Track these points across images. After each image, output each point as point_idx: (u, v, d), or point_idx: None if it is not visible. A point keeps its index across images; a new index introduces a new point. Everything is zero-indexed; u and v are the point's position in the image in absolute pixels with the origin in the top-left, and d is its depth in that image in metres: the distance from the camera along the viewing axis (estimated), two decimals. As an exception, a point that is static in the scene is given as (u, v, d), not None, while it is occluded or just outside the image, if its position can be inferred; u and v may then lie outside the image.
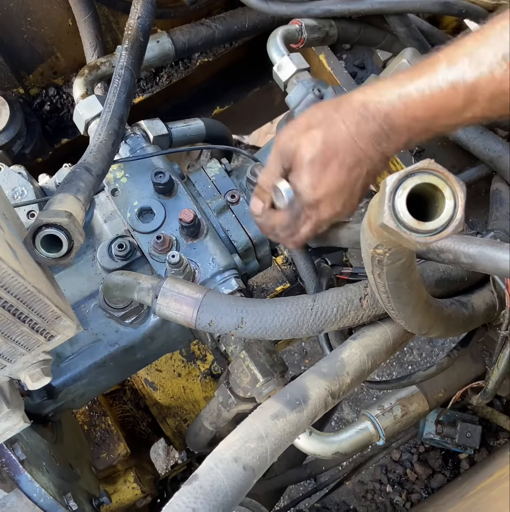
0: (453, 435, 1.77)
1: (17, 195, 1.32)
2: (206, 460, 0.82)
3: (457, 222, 0.62)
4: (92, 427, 1.93)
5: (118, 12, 1.92)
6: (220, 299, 1.09)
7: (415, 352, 3.78)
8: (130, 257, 1.30)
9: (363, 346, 1.09)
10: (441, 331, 1.13)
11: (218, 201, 1.40)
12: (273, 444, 0.85)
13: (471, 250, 0.92)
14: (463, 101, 0.87)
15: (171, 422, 2.09)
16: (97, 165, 1.09)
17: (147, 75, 2.05)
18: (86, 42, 1.75)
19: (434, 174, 0.62)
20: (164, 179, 1.31)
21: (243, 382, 1.27)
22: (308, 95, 1.37)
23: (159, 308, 1.09)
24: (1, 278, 0.68)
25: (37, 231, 0.84)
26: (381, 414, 1.38)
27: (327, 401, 0.98)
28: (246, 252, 1.40)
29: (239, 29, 1.83)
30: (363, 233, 0.80)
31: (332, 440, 1.31)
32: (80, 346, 1.28)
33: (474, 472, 1.69)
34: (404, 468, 1.94)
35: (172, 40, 1.73)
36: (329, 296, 1.11)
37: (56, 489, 1.17)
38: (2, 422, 0.89)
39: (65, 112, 2.01)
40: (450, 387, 1.48)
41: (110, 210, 1.37)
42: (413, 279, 0.92)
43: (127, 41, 1.39)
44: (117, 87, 1.30)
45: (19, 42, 1.84)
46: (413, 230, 0.62)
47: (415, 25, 1.64)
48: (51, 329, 0.84)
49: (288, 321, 1.08)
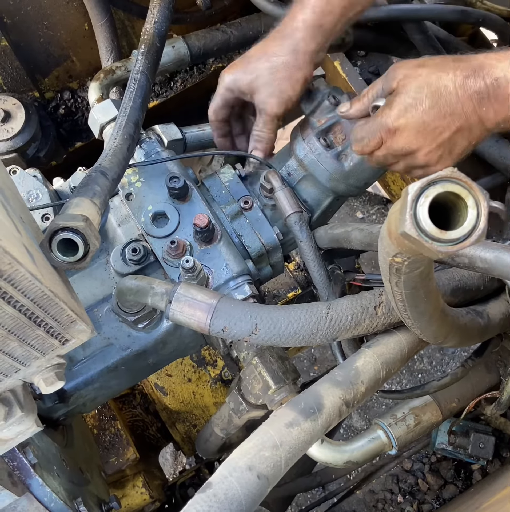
0: (466, 446, 1.76)
1: (32, 198, 1.33)
2: (220, 468, 0.81)
3: (480, 232, 0.61)
4: (101, 431, 1.93)
5: (133, 17, 1.93)
6: (234, 305, 1.09)
7: (425, 360, 3.76)
8: (144, 261, 1.30)
9: (377, 354, 1.08)
10: (457, 341, 1.12)
11: (232, 207, 1.39)
12: (288, 453, 0.84)
13: (488, 255, 0.91)
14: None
15: (180, 427, 2.08)
16: (113, 169, 1.09)
17: (162, 80, 2.06)
18: (102, 46, 1.76)
19: (457, 183, 0.61)
20: (179, 184, 1.31)
21: (255, 388, 1.26)
22: (324, 102, 1.36)
23: (173, 313, 1.09)
24: (18, 282, 0.68)
25: (53, 234, 0.84)
26: (393, 423, 1.37)
27: (342, 410, 0.97)
28: (259, 258, 1.40)
29: (255, 34, 1.83)
30: (381, 241, 0.79)
31: (344, 449, 1.30)
32: (92, 350, 1.27)
33: (487, 484, 1.67)
34: (416, 478, 1.93)
35: (188, 45, 1.73)
36: (344, 303, 1.10)
37: (66, 493, 1.17)
38: (15, 425, 0.89)
39: (79, 115, 2.02)
40: (464, 397, 1.47)
41: (124, 214, 1.37)
42: (430, 288, 0.91)
43: (144, 45, 1.39)
44: (133, 92, 1.30)
45: (35, 45, 1.86)
46: (435, 239, 0.62)
47: (432, 32, 1.64)
48: (66, 333, 0.84)
49: (302, 328, 1.07)
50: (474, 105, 1.02)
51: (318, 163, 1.34)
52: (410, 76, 1.08)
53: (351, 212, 4.16)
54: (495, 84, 1.00)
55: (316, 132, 1.34)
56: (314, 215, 1.42)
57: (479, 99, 1.01)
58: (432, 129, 1.07)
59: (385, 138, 1.12)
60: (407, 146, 1.11)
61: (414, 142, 1.10)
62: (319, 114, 1.36)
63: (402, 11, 1.61)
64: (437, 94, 1.04)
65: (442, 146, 1.09)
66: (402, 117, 1.08)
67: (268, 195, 1.38)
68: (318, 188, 1.38)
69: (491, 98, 1.01)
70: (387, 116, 1.10)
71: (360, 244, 1.18)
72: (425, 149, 1.10)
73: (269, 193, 1.37)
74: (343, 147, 1.33)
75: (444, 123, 1.06)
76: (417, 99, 1.06)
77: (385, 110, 1.11)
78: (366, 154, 1.20)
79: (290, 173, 1.40)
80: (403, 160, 1.16)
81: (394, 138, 1.11)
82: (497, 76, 1.00)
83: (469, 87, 1.02)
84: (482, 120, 1.04)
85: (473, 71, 1.02)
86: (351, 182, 1.35)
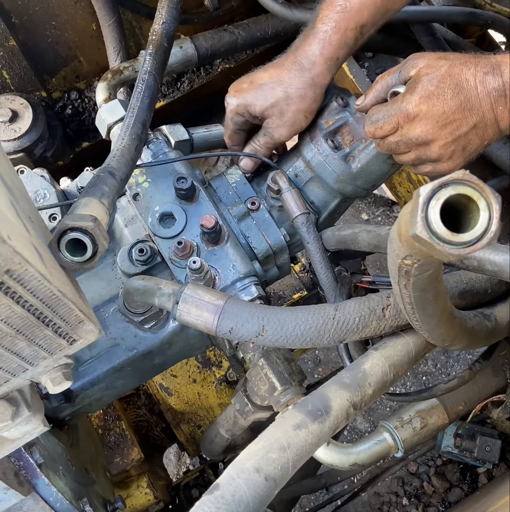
0: (472, 449, 1.75)
1: (40, 198, 1.33)
2: (227, 470, 0.81)
3: (492, 234, 0.61)
4: (106, 431, 1.93)
5: (141, 18, 1.93)
6: (241, 306, 1.09)
7: (430, 363, 3.74)
8: (150, 262, 1.30)
9: (385, 357, 1.08)
10: (464, 344, 1.11)
11: (239, 208, 1.39)
12: (295, 455, 0.84)
13: (497, 258, 0.91)
14: None
15: (185, 428, 2.08)
16: (121, 169, 1.09)
17: (169, 80, 2.06)
18: (109, 46, 1.76)
19: (468, 185, 0.61)
20: (186, 185, 1.31)
21: (261, 390, 1.25)
22: (332, 103, 1.36)
23: (180, 314, 1.09)
24: (28, 282, 0.68)
25: (62, 234, 0.84)
26: (400, 426, 1.36)
27: (349, 412, 0.96)
28: (266, 259, 1.39)
29: (262, 35, 1.83)
30: (391, 244, 0.79)
31: (350, 451, 1.30)
32: (99, 350, 1.27)
33: (493, 487, 1.66)
34: (421, 481, 1.92)
35: (195, 46, 1.73)
36: (351, 305, 1.10)
37: (72, 493, 1.17)
38: (23, 425, 0.88)
39: (86, 116, 2.02)
40: (471, 400, 1.46)
41: (131, 214, 1.37)
42: (439, 291, 0.91)
43: (151, 46, 1.39)
44: (140, 92, 1.30)
45: (43, 45, 1.86)
46: (446, 242, 0.61)
47: (440, 34, 1.63)
48: (73, 333, 0.83)
49: (309, 329, 1.07)
50: (491, 102, 1.02)
51: (325, 164, 1.34)
52: (432, 65, 1.07)
53: (356, 213, 4.15)
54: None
55: (324, 134, 1.33)
56: (321, 217, 1.42)
57: (496, 97, 1.01)
58: (450, 121, 1.06)
59: (402, 123, 1.10)
60: (423, 135, 1.09)
61: (431, 132, 1.08)
62: (327, 115, 1.36)
63: (410, 13, 1.61)
64: (459, 86, 1.04)
65: (457, 141, 1.09)
66: (423, 103, 1.07)
67: (275, 196, 1.38)
68: (325, 189, 1.38)
69: (507, 96, 1.01)
70: (408, 101, 1.08)
71: (368, 246, 1.17)
72: (441, 141, 1.09)
73: (276, 194, 1.37)
74: (351, 149, 1.33)
75: (462, 117, 1.05)
76: (440, 89, 1.05)
77: (406, 96, 1.10)
78: (377, 137, 1.18)
79: (297, 174, 1.39)
80: (415, 151, 1.14)
81: (412, 125, 1.09)
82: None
83: (488, 83, 1.02)
84: (497, 119, 1.04)
85: (492, 68, 1.02)
86: (358, 183, 1.35)
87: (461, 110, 1.05)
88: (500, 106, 1.02)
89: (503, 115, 1.03)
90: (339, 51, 1.27)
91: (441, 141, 1.09)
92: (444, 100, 1.05)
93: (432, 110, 1.06)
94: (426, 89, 1.07)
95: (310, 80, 1.28)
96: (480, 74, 1.03)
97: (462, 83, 1.04)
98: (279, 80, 1.30)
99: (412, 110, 1.08)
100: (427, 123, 1.08)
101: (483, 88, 1.02)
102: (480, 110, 1.04)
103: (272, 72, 1.32)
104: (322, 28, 1.26)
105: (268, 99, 1.30)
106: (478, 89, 1.03)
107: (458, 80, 1.04)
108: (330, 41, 1.26)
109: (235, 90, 1.36)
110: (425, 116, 1.07)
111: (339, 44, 1.26)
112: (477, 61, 1.05)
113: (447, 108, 1.05)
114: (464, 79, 1.04)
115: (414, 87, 1.09)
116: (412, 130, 1.10)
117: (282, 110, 1.30)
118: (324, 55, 1.27)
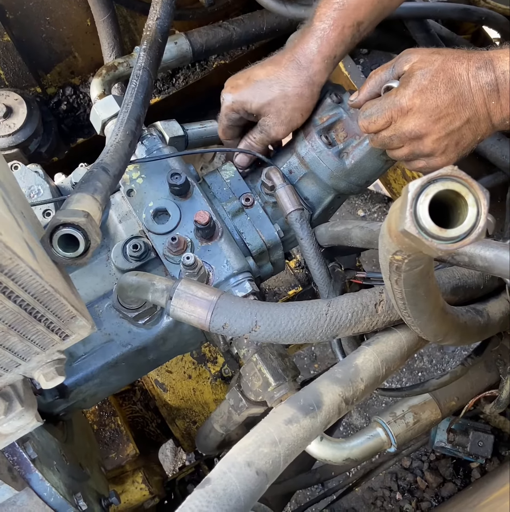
0: (465, 444, 1.76)
1: (34, 194, 1.33)
2: (219, 464, 0.81)
3: (480, 230, 0.61)
4: (101, 426, 1.94)
5: (136, 13, 1.93)
6: (234, 302, 1.09)
7: (425, 359, 3.75)
8: (145, 258, 1.30)
9: (377, 352, 1.08)
10: (456, 339, 1.12)
11: (233, 204, 1.40)
12: (287, 450, 0.84)
13: (488, 254, 0.91)
14: None
15: (180, 423, 2.08)
16: (114, 165, 1.09)
17: (164, 76, 2.06)
18: (104, 42, 1.76)
19: (457, 181, 0.61)
20: (180, 181, 1.31)
21: (255, 385, 1.26)
22: (326, 100, 1.36)
23: (173, 310, 1.09)
24: (19, 277, 0.68)
25: (54, 230, 0.84)
26: (393, 421, 1.37)
27: (341, 407, 0.97)
28: (260, 255, 1.40)
29: (257, 31, 1.83)
30: (382, 239, 0.79)
31: (343, 446, 1.30)
32: (93, 346, 1.28)
33: (485, 482, 1.67)
34: (415, 476, 1.93)
35: (190, 41, 1.73)
36: (344, 301, 1.10)
37: (66, 488, 1.17)
38: (15, 420, 0.89)
39: (81, 111, 2.02)
40: (463, 396, 1.47)
41: (125, 210, 1.37)
42: (430, 286, 0.91)
43: (146, 42, 1.39)
44: (134, 88, 1.30)
45: (38, 41, 1.86)
46: (434, 237, 0.62)
47: (434, 30, 1.63)
48: (66, 329, 0.84)
49: (302, 325, 1.07)
50: (484, 97, 1.03)
51: (319, 160, 1.34)
52: (425, 60, 1.08)
53: (352, 210, 4.15)
54: (502, 77, 1.01)
55: (318, 130, 1.34)
56: (315, 213, 1.42)
57: (489, 91, 1.02)
58: (444, 115, 1.07)
59: (395, 117, 1.11)
60: (417, 129, 1.09)
61: (424, 126, 1.08)
62: (321, 111, 1.36)
63: (405, 9, 1.61)
64: (452, 81, 1.05)
65: (450, 135, 1.09)
66: (417, 97, 1.07)
67: (269, 193, 1.38)
68: (319, 185, 1.39)
69: (499, 91, 1.02)
70: (401, 95, 1.09)
71: (361, 241, 1.18)
72: (434, 136, 1.09)
73: (270, 191, 1.37)
74: (345, 145, 1.33)
75: (456, 112, 1.06)
76: (433, 83, 1.05)
77: (399, 90, 1.10)
78: (371, 132, 1.18)
79: (291, 170, 1.40)
80: (408, 145, 1.14)
81: (405, 119, 1.10)
82: (504, 69, 1.01)
83: (481, 78, 1.02)
84: (490, 114, 1.04)
85: (485, 63, 1.03)
86: (352, 179, 1.35)
87: (454, 105, 1.06)
88: (493, 100, 1.03)
89: (495, 109, 1.04)
90: (337, 49, 1.27)
91: (434, 135, 1.09)
92: (437, 94, 1.06)
93: (425, 104, 1.07)
94: (419, 83, 1.07)
95: (308, 79, 1.28)
96: (472, 69, 1.03)
97: (455, 77, 1.05)
98: (276, 77, 1.30)
99: (406, 104, 1.08)
100: (420, 117, 1.08)
101: (476, 83, 1.03)
102: (473, 104, 1.05)
103: (269, 69, 1.31)
104: (319, 26, 1.26)
105: (264, 97, 1.30)
106: (471, 84, 1.03)
107: (451, 74, 1.05)
108: (328, 39, 1.26)
109: (231, 86, 1.35)
110: (418, 110, 1.08)
111: (337, 42, 1.26)
112: (470, 56, 1.05)
113: (440, 102, 1.06)
114: (457, 73, 1.04)
115: (407, 82, 1.09)
116: (405, 124, 1.10)
117: (279, 108, 1.30)
118: (322, 53, 1.26)
